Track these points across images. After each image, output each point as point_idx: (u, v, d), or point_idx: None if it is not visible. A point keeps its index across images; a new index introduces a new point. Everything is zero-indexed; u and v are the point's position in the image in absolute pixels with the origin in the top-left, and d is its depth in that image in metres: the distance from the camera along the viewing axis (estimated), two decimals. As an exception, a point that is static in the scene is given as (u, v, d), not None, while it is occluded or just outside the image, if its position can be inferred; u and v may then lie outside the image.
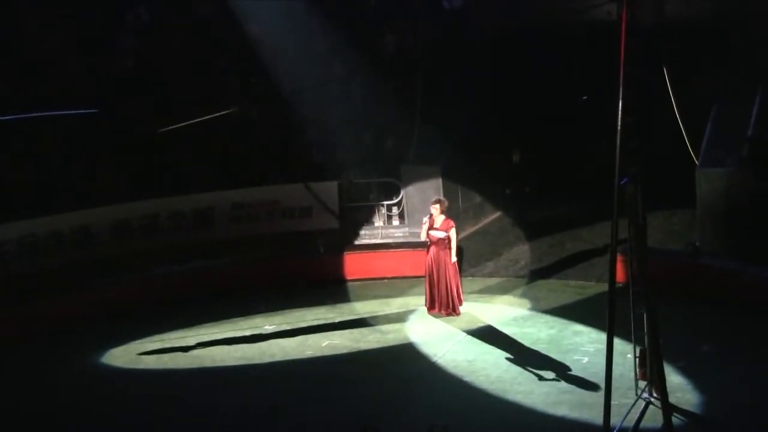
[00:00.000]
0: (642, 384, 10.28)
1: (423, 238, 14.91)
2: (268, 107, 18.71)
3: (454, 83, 18.72)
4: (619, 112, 8.91)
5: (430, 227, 14.67)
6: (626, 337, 10.34)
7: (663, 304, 10.33)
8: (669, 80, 10.86)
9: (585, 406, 10.44)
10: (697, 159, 14.33)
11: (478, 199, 19.54)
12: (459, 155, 18.43)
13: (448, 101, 18.61)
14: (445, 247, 14.60)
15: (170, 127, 17.10)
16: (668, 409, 9.52)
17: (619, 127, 8.92)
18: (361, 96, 19.46)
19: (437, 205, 14.72)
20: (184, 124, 17.07)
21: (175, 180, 17.80)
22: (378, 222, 18.64)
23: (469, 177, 18.82)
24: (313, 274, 17.37)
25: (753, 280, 13.84)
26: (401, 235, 18.31)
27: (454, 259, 14.63)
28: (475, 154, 18.71)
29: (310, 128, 18.51)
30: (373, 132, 19.29)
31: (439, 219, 14.68)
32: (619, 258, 9.52)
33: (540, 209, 19.06)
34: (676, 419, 9.71)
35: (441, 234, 14.62)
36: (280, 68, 18.61)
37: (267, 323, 14.92)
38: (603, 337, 9.40)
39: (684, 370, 11.31)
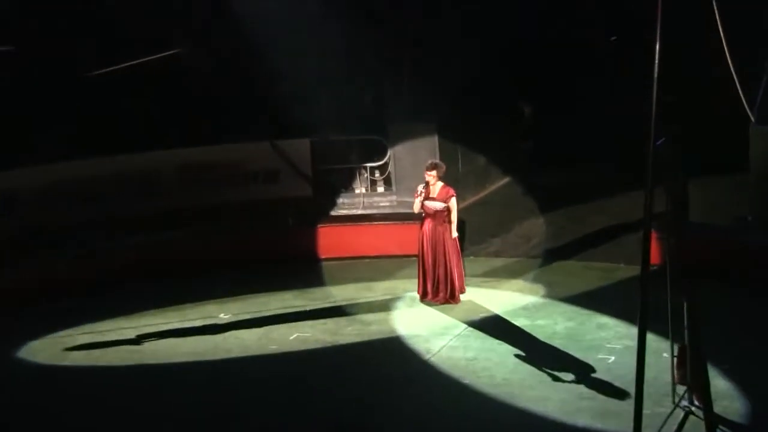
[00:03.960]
0: (680, 389, 10.21)
1: (416, 210, 14.81)
2: (227, 50, 18.51)
3: (452, 26, 18.50)
4: (656, 58, 8.66)
5: (426, 198, 14.61)
6: (661, 331, 10.24)
7: (706, 292, 10.35)
8: (719, 21, 10.65)
9: (610, 415, 10.35)
10: (752, 114, 14.27)
11: (481, 161, 19.52)
12: (459, 110, 18.34)
13: (446, 47, 18.39)
14: (444, 221, 14.60)
15: (108, 69, 16.94)
16: (712, 419, 9.41)
17: (655, 77, 8.66)
18: (341, 38, 19.26)
19: (434, 171, 14.66)
20: (123, 65, 16.93)
21: (114, 137, 17.62)
22: (359, 188, 18.76)
23: (471, 135, 18.75)
24: (280, 251, 17.49)
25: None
26: (388, 204, 18.56)
27: (455, 234, 14.65)
28: (478, 109, 18.56)
29: (279, 76, 18.35)
30: (356, 81, 19.11)
31: (436, 187, 14.66)
32: (653, 236, 9.32)
33: (557, 175, 18.94)
34: (721, 432, 9.71)
35: (439, 205, 14.59)
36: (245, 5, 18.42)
37: (222, 311, 14.96)
38: (633, 331, 9.50)
39: (731, 373, 11.23)
